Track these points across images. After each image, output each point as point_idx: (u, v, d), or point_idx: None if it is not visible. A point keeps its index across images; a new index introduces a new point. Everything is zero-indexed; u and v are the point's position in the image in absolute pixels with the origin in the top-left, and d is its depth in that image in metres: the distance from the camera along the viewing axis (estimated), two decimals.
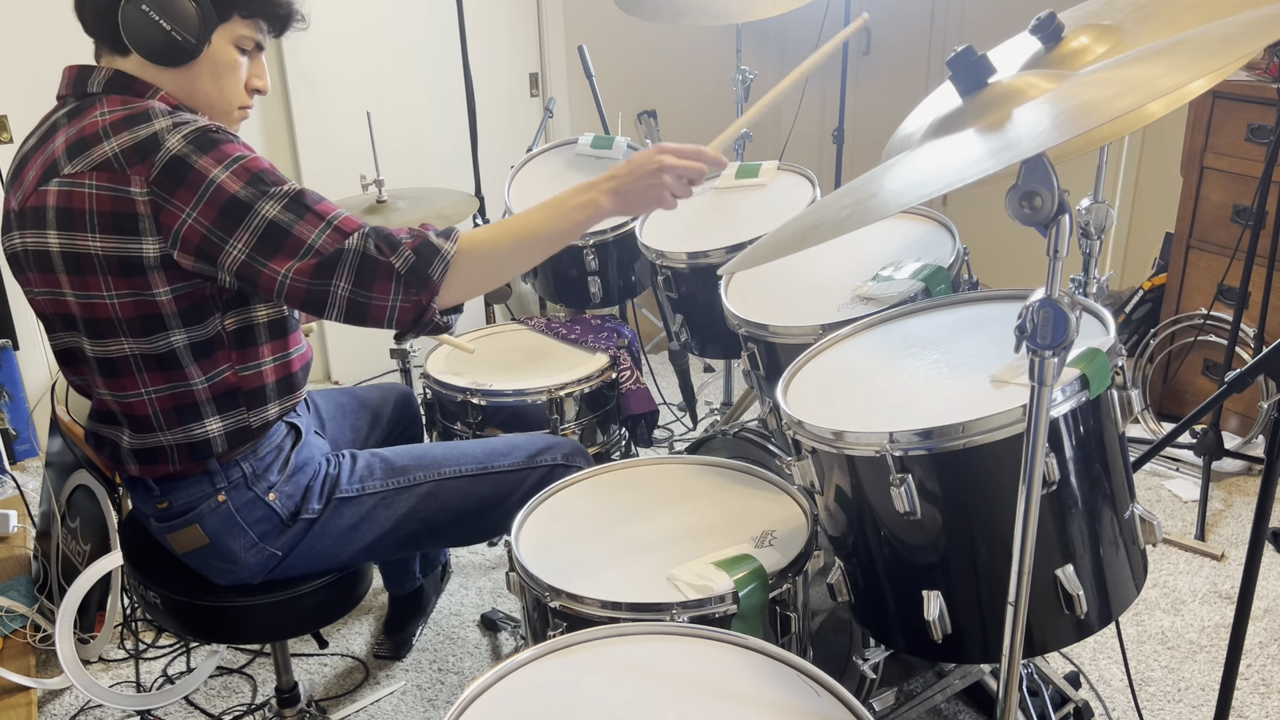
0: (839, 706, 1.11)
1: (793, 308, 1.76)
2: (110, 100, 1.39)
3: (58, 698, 2.15)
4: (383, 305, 1.36)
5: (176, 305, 1.37)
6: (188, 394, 1.43)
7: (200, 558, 1.53)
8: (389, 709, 2.09)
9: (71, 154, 1.35)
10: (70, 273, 1.36)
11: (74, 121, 1.39)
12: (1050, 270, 0.98)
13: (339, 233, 1.35)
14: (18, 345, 3.01)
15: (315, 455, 1.59)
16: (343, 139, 3.35)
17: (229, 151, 1.33)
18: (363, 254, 1.34)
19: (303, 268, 1.33)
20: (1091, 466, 1.27)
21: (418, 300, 1.36)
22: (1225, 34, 0.94)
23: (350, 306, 1.35)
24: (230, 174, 1.32)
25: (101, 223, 1.32)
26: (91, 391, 1.50)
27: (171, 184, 1.31)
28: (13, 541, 2.52)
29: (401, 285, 1.35)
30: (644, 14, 2.41)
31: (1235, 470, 2.77)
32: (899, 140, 1.53)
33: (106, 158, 1.32)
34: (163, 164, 1.31)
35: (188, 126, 1.33)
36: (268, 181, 1.34)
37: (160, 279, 1.35)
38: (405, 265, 1.35)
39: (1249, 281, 2.50)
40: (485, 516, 1.65)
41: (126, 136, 1.33)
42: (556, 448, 1.73)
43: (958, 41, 1.80)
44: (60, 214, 1.34)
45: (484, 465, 1.67)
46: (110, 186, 1.31)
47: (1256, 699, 2.00)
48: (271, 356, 1.49)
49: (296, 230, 1.33)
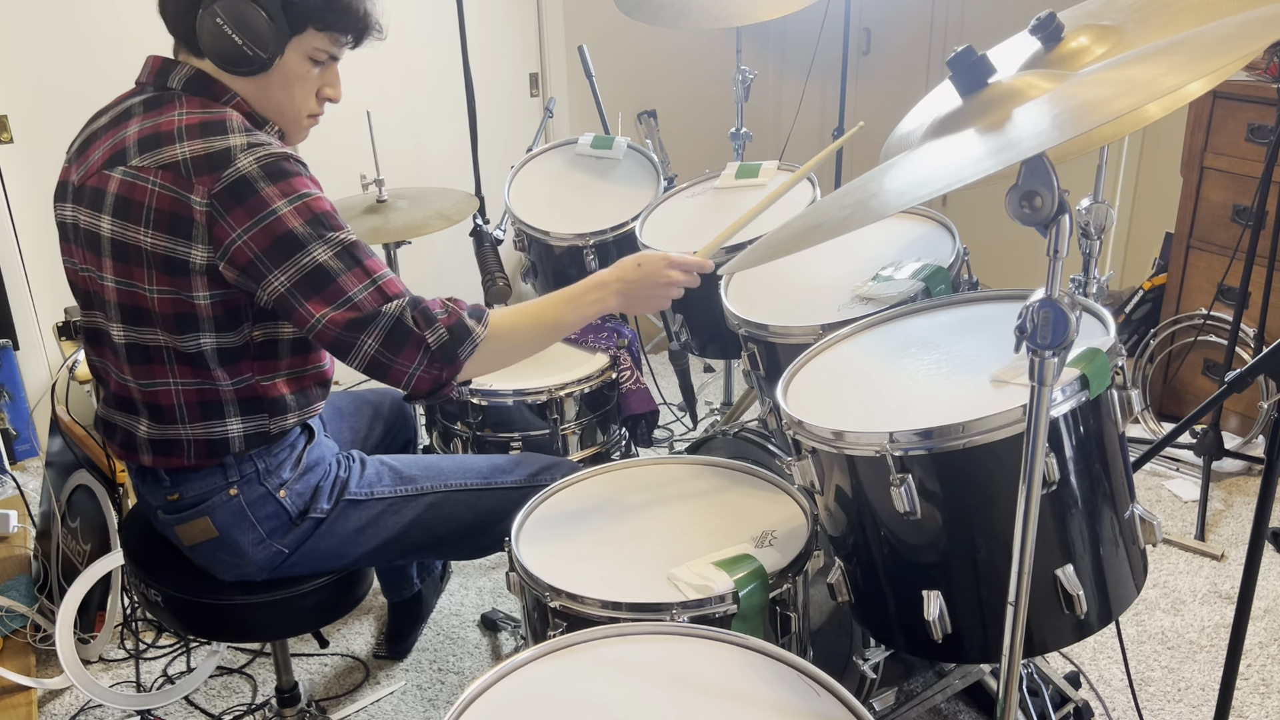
0: (839, 706, 1.11)
1: (793, 308, 1.76)
2: (190, 101, 1.40)
3: (58, 698, 2.15)
4: (404, 371, 1.40)
5: (212, 310, 1.39)
6: (213, 393, 1.45)
7: (207, 551, 1.53)
8: (389, 709, 2.09)
9: (143, 147, 1.37)
10: (116, 259, 1.38)
11: (150, 113, 1.40)
12: (1050, 270, 0.98)
13: (381, 294, 1.38)
14: (18, 345, 3.01)
15: (327, 455, 1.60)
16: (343, 139, 3.34)
17: (297, 186, 1.36)
18: (397, 320, 1.38)
19: (337, 318, 1.36)
20: (1091, 466, 1.27)
21: (438, 375, 1.42)
22: (1225, 34, 0.94)
23: (373, 363, 1.39)
24: (293, 209, 1.34)
25: (157, 220, 1.34)
26: (110, 376, 1.50)
27: (232, 202, 1.33)
28: (13, 541, 2.52)
29: (428, 358, 1.40)
30: (644, 17, 2.41)
31: (1235, 470, 2.77)
32: (896, 140, 1.53)
33: (176, 160, 1.34)
34: (229, 181, 1.33)
35: (262, 149, 1.35)
36: (327, 225, 1.37)
37: (202, 283, 1.37)
38: (437, 342, 1.40)
39: (1249, 281, 2.50)
40: (486, 531, 1.66)
41: (200, 144, 1.35)
42: (559, 467, 1.74)
43: (958, 41, 1.80)
44: (119, 202, 1.36)
45: (488, 480, 1.68)
46: (173, 189, 1.34)
47: (1256, 699, 2.00)
48: (288, 370, 1.50)
49: (341, 280, 1.36)
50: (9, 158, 2.91)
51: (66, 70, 2.91)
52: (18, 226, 2.95)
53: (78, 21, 2.92)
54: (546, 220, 2.29)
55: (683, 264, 1.55)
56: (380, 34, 1.50)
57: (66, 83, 2.91)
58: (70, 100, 2.93)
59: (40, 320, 3.06)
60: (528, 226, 2.28)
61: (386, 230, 2.26)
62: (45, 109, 2.92)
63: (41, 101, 2.92)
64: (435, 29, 3.47)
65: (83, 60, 2.93)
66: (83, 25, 2.92)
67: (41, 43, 2.88)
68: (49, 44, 2.89)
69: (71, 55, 2.93)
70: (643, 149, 2.46)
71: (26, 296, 3.01)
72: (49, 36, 2.89)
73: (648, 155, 2.44)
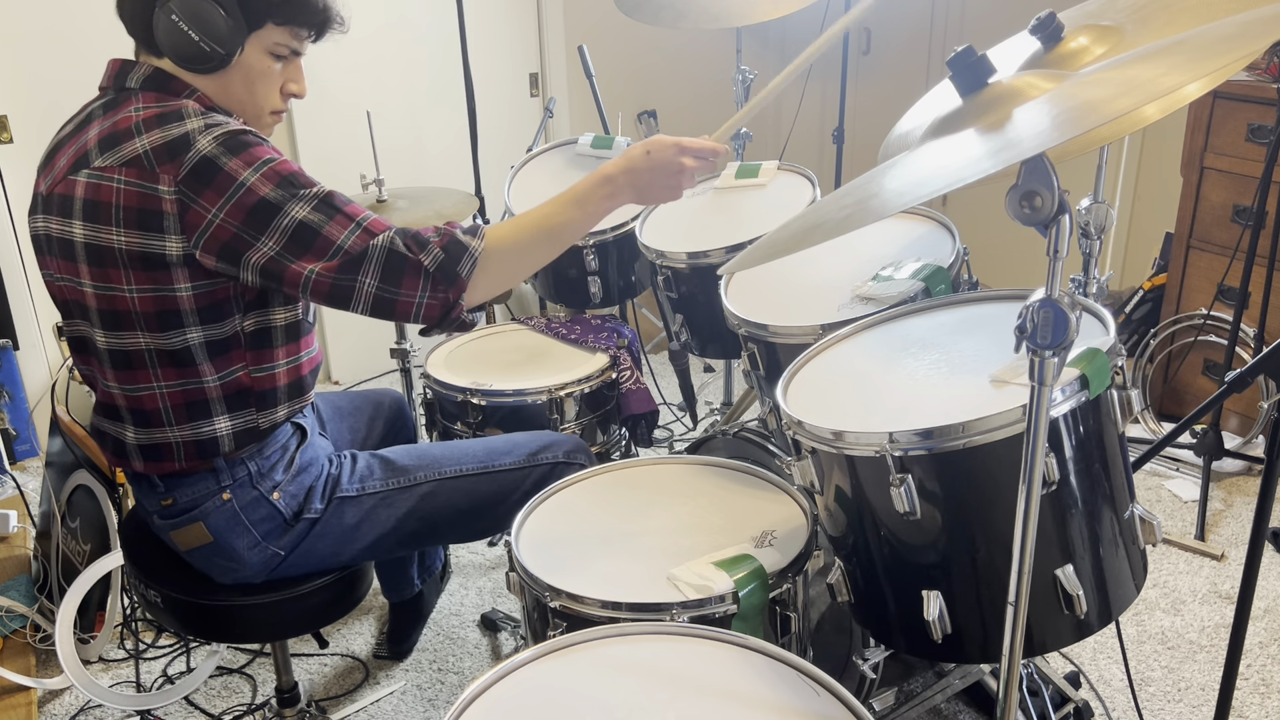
0: (839, 706, 1.11)
1: (793, 308, 1.76)
2: (146, 97, 1.40)
3: (58, 698, 2.15)
4: (410, 301, 1.38)
5: (196, 302, 1.38)
6: (199, 391, 1.44)
7: (203, 556, 1.53)
8: (389, 709, 2.09)
9: (103, 147, 1.36)
10: (92, 264, 1.38)
11: (109, 114, 1.40)
12: (1050, 270, 0.98)
13: (367, 233, 1.37)
14: (18, 345, 3.01)
15: (319, 456, 1.60)
16: (343, 138, 3.35)
17: (259, 154, 1.35)
18: (389, 250, 1.36)
19: (330, 265, 1.35)
20: (1091, 466, 1.27)
21: (445, 297, 1.39)
22: (1225, 34, 0.94)
23: (377, 302, 1.37)
24: (260, 176, 1.34)
25: (127, 218, 1.34)
26: (98, 384, 1.50)
27: (199, 184, 1.32)
28: (13, 541, 2.52)
29: (430, 282, 1.37)
30: (644, 17, 2.41)
31: (1235, 470, 2.77)
32: (895, 139, 1.53)
33: (137, 154, 1.34)
34: (192, 164, 1.32)
35: (219, 129, 1.35)
36: (298, 184, 1.36)
37: (182, 275, 1.36)
38: (434, 263, 1.37)
39: (1249, 281, 2.50)
40: (486, 514, 1.65)
41: (158, 134, 1.34)
42: (558, 445, 1.73)
43: (958, 41, 1.80)
44: (87, 205, 1.36)
45: (485, 464, 1.67)
46: (138, 183, 1.33)
47: (1256, 699, 2.00)
48: (285, 359, 1.50)
49: (326, 231, 1.35)
50: (9, 158, 2.91)
51: (66, 70, 2.91)
52: (18, 226, 2.95)
53: (77, 21, 2.92)
54: None
55: (695, 148, 1.45)
56: (342, 27, 1.48)
57: (66, 83, 2.91)
58: (70, 100, 2.90)
59: (40, 320, 3.06)
60: None
61: None
62: (45, 109, 2.92)
63: (41, 101, 2.92)
64: (435, 28, 3.47)
65: (82, 60, 2.92)
66: (82, 25, 2.92)
67: (41, 43, 2.88)
68: (49, 44, 2.89)
69: (71, 55, 2.93)
70: (650, 139, 2.46)
71: (26, 296, 3.01)
72: (49, 37, 2.89)
73: None
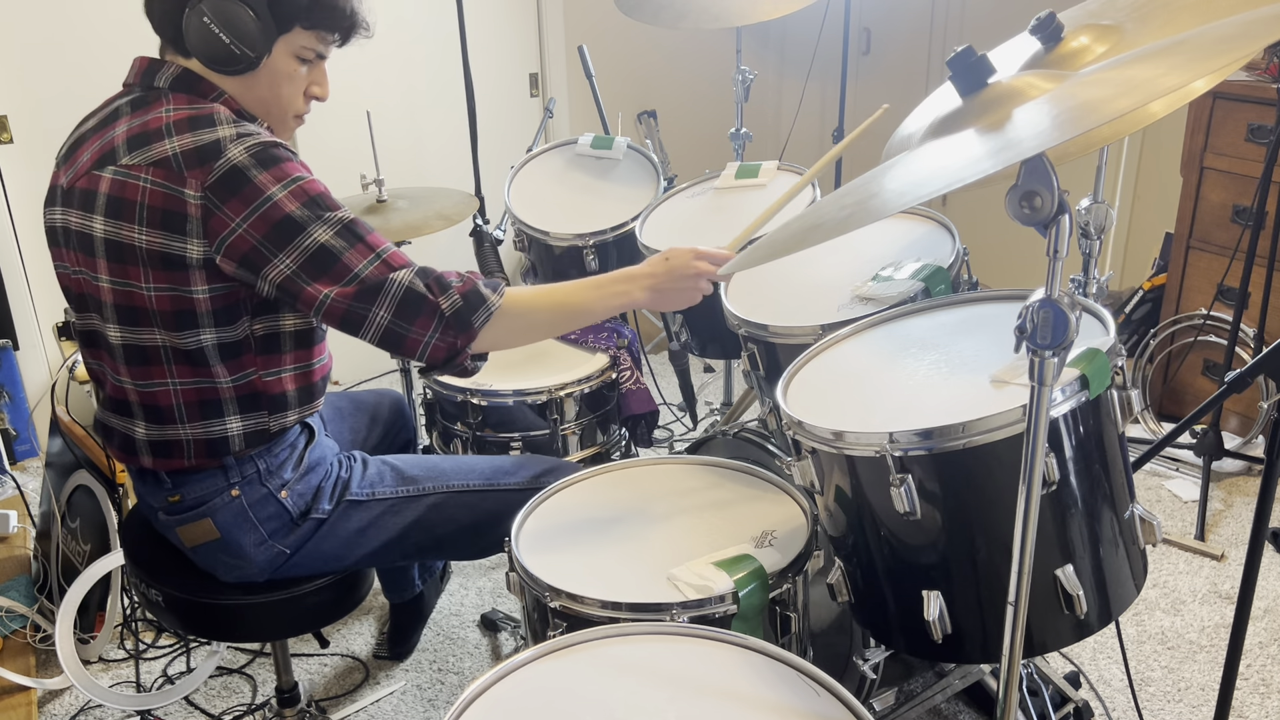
0: (839, 706, 1.11)
1: (793, 308, 1.76)
2: (176, 98, 1.41)
3: (58, 698, 2.15)
4: (419, 340, 1.40)
5: (212, 304, 1.39)
6: (212, 390, 1.44)
7: (209, 552, 1.53)
8: (389, 709, 2.09)
9: (131, 146, 1.37)
10: (111, 260, 1.38)
11: (138, 113, 1.40)
12: (1050, 270, 0.98)
13: (386, 265, 1.39)
14: (18, 345, 3.01)
15: (328, 455, 1.60)
16: (342, 138, 3.35)
17: (289, 171, 1.36)
18: (408, 288, 1.38)
19: (345, 292, 1.37)
20: (1091, 466, 1.27)
21: (453, 342, 1.41)
22: (1225, 34, 0.94)
23: (387, 334, 1.39)
24: (288, 193, 1.35)
25: (150, 217, 1.34)
26: (107, 379, 1.50)
27: (226, 193, 1.33)
28: (13, 541, 2.52)
29: (443, 325, 1.40)
30: (644, 17, 2.41)
31: (1235, 470, 2.77)
32: (899, 141, 1.53)
33: (166, 156, 1.34)
34: (221, 172, 1.33)
35: (251, 139, 1.35)
36: (323, 206, 1.37)
37: (200, 277, 1.37)
38: (451, 308, 1.40)
39: (1249, 281, 2.50)
40: (486, 533, 1.65)
41: (189, 138, 1.35)
42: (561, 470, 1.74)
43: (958, 41, 1.80)
44: (111, 202, 1.36)
45: (490, 481, 1.68)
46: (165, 184, 1.34)
47: (1256, 699, 2.00)
48: (293, 365, 1.50)
49: (345, 257, 1.37)
50: (9, 158, 2.91)
51: (67, 71, 2.91)
52: (18, 226, 2.95)
53: (77, 23, 2.92)
54: (546, 220, 2.29)
55: (710, 255, 1.53)
56: (368, 32, 1.49)
57: (66, 83, 2.91)
58: (70, 101, 2.93)
59: (40, 320, 3.06)
60: (527, 227, 2.28)
61: (386, 230, 2.26)
62: (45, 109, 2.92)
63: (41, 102, 2.92)
64: (435, 29, 3.47)
65: (83, 61, 2.93)
66: (82, 26, 2.92)
67: (42, 44, 2.88)
68: (49, 45, 2.89)
69: (71, 56, 2.93)
70: (642, 149, 2.46)
71: (26, 296, 3.01)
72: (49, 37, 2.89)
73: (647, 155, 2.44)
